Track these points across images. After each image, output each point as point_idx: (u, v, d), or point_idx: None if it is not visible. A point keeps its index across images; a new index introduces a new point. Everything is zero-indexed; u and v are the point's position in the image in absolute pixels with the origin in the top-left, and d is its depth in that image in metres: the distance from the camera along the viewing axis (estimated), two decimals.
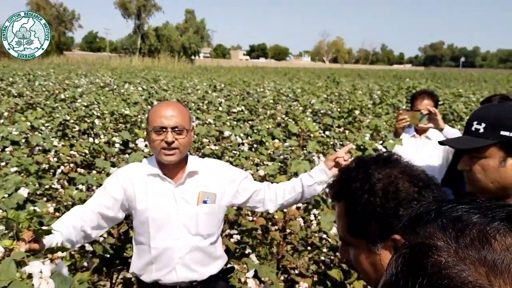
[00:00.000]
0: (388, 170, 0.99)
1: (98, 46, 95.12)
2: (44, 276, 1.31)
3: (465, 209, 0.49)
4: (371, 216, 0.96)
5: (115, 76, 18.01)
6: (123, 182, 1.98)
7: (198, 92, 11.27)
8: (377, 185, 0.97)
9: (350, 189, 1.00)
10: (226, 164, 2.14)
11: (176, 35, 69.75)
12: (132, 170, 2.03)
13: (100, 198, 1.96)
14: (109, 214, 1.95)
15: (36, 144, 4.23)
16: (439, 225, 0.48)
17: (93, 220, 1.90)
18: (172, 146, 1.89)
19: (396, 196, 0.95)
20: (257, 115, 8.09)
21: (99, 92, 10.45)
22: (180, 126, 1.90)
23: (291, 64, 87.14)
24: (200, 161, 2.08)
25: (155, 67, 37.64)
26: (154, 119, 1.91)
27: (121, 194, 1.96)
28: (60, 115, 6.40)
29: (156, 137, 1.90)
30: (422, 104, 3.26)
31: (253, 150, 5.06)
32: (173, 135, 1.89)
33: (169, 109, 1.92)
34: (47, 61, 43.48)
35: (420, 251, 0.46)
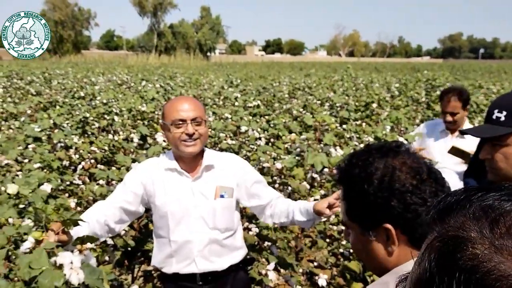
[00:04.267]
0: (388, 159, 1.00)
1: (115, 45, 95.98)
2: (74, 266, 1.36)
3: (496, 196, 0.47)
4: (363, 203, 0.99)
5: (131, 74, 18.17)
6: (142, 177, 2.03)
7: (214, 88, 11.31)
8: (374, 174, 0.98)
9: (349, 175, 1.03)
10: (242, 160, 2.18)
11: (191, 32, 70.05)
12: (150, 165, 2.08)
13: (121, 193, 2.01)
14: (131, 209, 2.00)
15: (59, 141, 4.31)
16: (471, 215, 0.46)
17: (115, 215, 1.95)
18: (193, 137, 1.93)
19: (390, 186, 0.97)
20: (273, 109, 8.08)
21: (116, 90, 10.57)
22: (199, 118, 1.95)
23: (306, 59, 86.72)
24: (216, 154, 2.11)
25: (171, 64, 37.87)
26: (172, 113, 1.95)
27: (140, 189, 2.01)
28: (80, 113, 6.49)
29: (176, 130, 1.94)
30: (448, 106, 3.18)
31: (270, 145, 5.07)
32: (193, 126, 1.92)
33: (186, 103, 1.97)
34: (65, 60, 44.14)
35: (454, 244, 0.45)
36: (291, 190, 3.20)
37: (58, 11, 58.35)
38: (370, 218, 0.98)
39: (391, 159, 1.00)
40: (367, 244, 1.00)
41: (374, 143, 1.11)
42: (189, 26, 71.43)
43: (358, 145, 4.77)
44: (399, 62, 64.84)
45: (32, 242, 1.42)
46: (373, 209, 0.97)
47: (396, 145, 1.04)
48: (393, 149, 1.03)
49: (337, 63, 51.75)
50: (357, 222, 1.01)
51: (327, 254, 3.16)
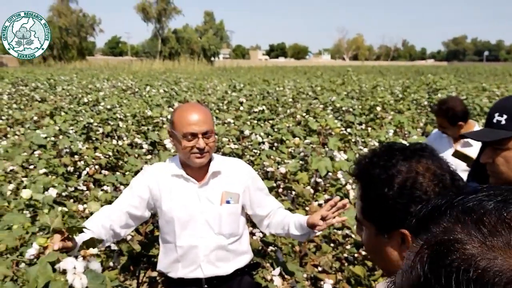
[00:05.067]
0: (412, 163, 0.96)
1: (120, 51, 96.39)
2: (77, 271, 1.36)
3: (478, 197, 0.48)
4: (382, 206, 0.96)
5: (136, 80, 18.24)
6: (149, 181, 2.03)
7: (218, 92, 11.34)
8: (395, 178, 0.95)
9: (369, 174, 0.99)
10: (248, 166, 2.18)
11: (195, 37, 70.30)
12: (157, 170, 2.08)
13: (127, 198, 2.01)
14: (137, 213, 2.01)
15: (64, 147, 4.33)
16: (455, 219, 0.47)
17: (121, 219, 1.96)
18: (204, 151, 1.94)
19: (411, 192, 0.94)
20: (277, 114, 8.09)
21: (121, 96, 10.61)
22: (209, 131, 1.94)
23: (310, 63, 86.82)
24: (223, 160, 2.11)
25: (176, 70, 37.97)
26: (183, 126, 1.93)
27: (147, 194, 2.02)
28: (84, 119, 6.52)
29: (187, 144, 1.93)
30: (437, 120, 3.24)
31: (274, 149, 5.07)
32: (204, 140, 1.92)
33: (198, 115, 1.94)
34: (69, 66, 44.37)
35: (444, 248, 0.45)
36: (295, 195, 3.20)
37: (63, 18, 58.74)
38: (387, 221, 0.95)
39: (415, 163, 0.96)
40: (380, 245, 0.98)
41: (397, 143, 1.08)
42: (193, 31, 71.71)
43: (363, 149, 4.77)
44: (403, 65, 64.74)
45: (36, 249, 1.43)
46: (391, 213, 0.94)
47: (421, 148, 1.00)
48: (418, 153, 0.99)
49: (341, 66, 51.71)
50: (373, 222, 0.99)
51: (331, 259, 3.16)
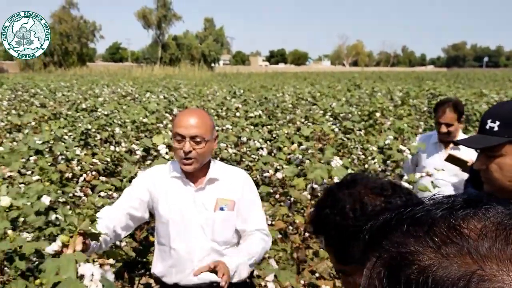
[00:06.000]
0: (351, 190, 1.01)
1: (120, 57, 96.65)
2: (94, 279, 1.39)
3: (425, 208, 0.48)
4: (348, 238, 0.96)
5: (136, 86, 18.27)
6: (148, 183, 2.05)
7: (217, 98, 11.34)
8: (345, 207, 0.98)
9: (323, 219, 1.02)
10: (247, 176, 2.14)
11: (196, 43, 70.51)
12: (156, 172, 2.09)
13: (128, 199, 2.03)
14: (137, 214, 2.02)
15: (60, 153, 4.31)
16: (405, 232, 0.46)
17: (122, 221, 1.96)
18: (189, 156, 1.92)
19: (364, 211, 0.96)
20: (276, 119, 8.08)
21: (120, 102, 10.62)
22: (199, 136, 1.91)
23: (310, 69, 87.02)
24: (223, 167, 2.10)
25: (176, 76, 38.05)
26: (175, 126, 1.96)
27: (146, 195, 2.02)
28: (82, 125, 6.51)
29: (176, 145, 1.95)
30: (444, 117, 3.16)
31: (273, 155, 5.06)
32: (191, 144, 1.91)
33: (191, 118, 1.94)
34: (70, 72, 44.48)
35: (400, 262, 0.44)
36: (293, 200, 3.19)
37: (64, 24, 58.90)
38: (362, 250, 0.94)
39: (353, 188, 1.02)
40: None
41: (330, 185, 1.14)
42: (193, 38, 71.92)
43: (361, 155, 4.76)
44: (403, 71, 64.88)
45: (59, 246, 1.46)
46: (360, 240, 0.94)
47: (352, 176, 1.07)
48: (350, 181, 1.05)
49: (341, 72, 51.85)
50: (353, 261, 0.96)
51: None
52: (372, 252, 0.49)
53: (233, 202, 2.02)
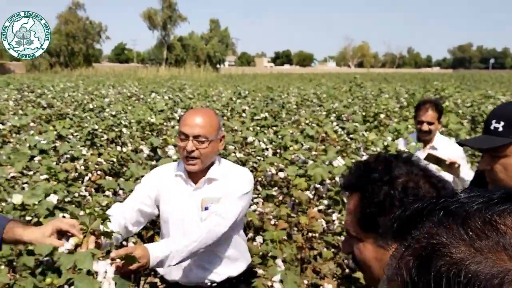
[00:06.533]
0: (408, 167, 0.99)
1: (126, 58, 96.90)
2: (107, 276, 1.42)
3: (460, 200, 0.47)
4: (387, 209, 0.94)
5: (141, 86, 18.32)
6: (155, 180, 2.08)
7: (222, 99, 11.36)
8: (397, 179, 0.96)
9: (369, 179, 0.98)
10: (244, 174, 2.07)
11: (201, 44, 70.56)
12: (164, 170, 2.13)
13: (138, 196, 2.05)
14: (147, 210, 2.04)
15: (64, 153, 4.35)
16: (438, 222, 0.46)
17: (133, 217, 1.99)
18: (192, 155, 1.93)
19: (416, 192, 0.94)
20: (281, 120, 8.09)
21: (126, 102, 10.67)
22: (202, 136, 1.91)
23: (316, 70, 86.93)
24: (227, 167, 2.08)
25: (181, 77, 38.10)
26: (181, 124, 1.98)
27: (154, 192, 2.05)
28: (89, 125, 6.55)
29: (180, 143, 1.96)
30: (426, 115, 3.30)
31: (278, 156, 5.07)
32: (194, 144, 1.91)
33: (196, 117, 1.95)
34: (76, 73, 44.67)
35: (431, 253, 0.44)
36: (293, 201, 3.20)
37: (70, 25, 59.13)
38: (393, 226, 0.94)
39: (410, 167, 0.99)
40: (381, 254, 0.94)
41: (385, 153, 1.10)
42: (198, 39, 71.97)
43: (365, 156, 4.76)
44: (409, 73, 64.68)
45: (72, 245, 1.48)
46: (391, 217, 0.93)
47: (411, 155, 1.04)
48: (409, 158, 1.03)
49: (347, 74, 51.73)
50: (374, 230, 0.96)
51: (333, 266, 3.14)
52: (401, 240, 0.49)
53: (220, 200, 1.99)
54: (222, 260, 2.05)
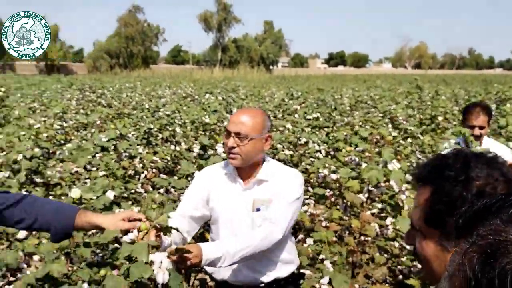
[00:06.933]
0: (489, 170, 0.93)
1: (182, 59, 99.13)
2: (162, 267, 1.48)
3: None
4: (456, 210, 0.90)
5: (196, 87, 18.71)
6: (204, 180, 2.10)
7: (275, 100, 11.39)
8: (474, 181, 0.91)
9: (443, 175, 0.94)
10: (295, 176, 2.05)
11: (255, 46, 71.11)
12: (213, 169, 2.15)
13: (187, 202, 2.08)
14: (199, 215, 2.06)
15: (123, 151, 4.51)
16: (506, 220, 0.45)
17: (185, 225, 1.99)
18: (232, 151, 1.95)
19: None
20: (333, 122, 8.01)
21: (181, 102, 10.93)
22: (243, 133, 1.93)
23: (370, 71, 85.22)
24: (276, 168, 2.07)
25: (235, 78, 38.56)
26: (228, 122, 2.02)
27: (204, 193, 2.07)
28: (145, 124, 6.76)
29: (224, 140, 2.01)
30: (477, 120, 3.18)
31: (330, 157, 5.01)
32: (235, 140, 1.94)
33: (241, 115, 1.98)
34: (134, 74, 46.29)
35: (496, 250, 0.43)
36: (346, 204, 3.14)
37: (129, 27, 61.42)
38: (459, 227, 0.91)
39: (491, 169, 0.93)
40: (442, 254, 0.91)
41: (467, 150, 1.04)
42: (252, 40, 72.56)
43: (421, 159, 4.61)
44: (470, 74, 62.04)
45: (135, 235, 1.56)
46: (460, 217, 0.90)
47: (495, 156, 0.98)
48: (493, 160, 0.96)
49: (403, 75, 50.39)
50: (439, 228, 0.92)
51: (386, 271, 3.07)
52: (465, 236, 0.48)
53: (271, 202, 1.99)
54: (272, 262, 2.04)
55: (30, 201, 1.67)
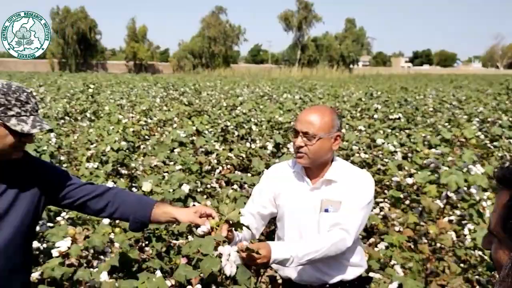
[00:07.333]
0: None
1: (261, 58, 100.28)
2: (230, 260, 1.53)
3: None
4: None
5: (273, 86, 18.83)
6: (272, 178, 2.11)
7: (352, 100, 11.17)
8: None
9: None
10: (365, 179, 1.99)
11: (335, 44, 70.14)
12: (281, 167, 2.15)
13: (256, 199, 2.10)
14: (266, 212, 2.08)
15: (200, 146, 4.66)
16: None
17: (253, 222, 2.04)
18: (300, 151, 1.94)
19: None
20: (415, 123, 7.69)
21: (258, 101, 11.06)
22: (311, 133, 1.89)
23: (458, 71, 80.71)
24: (345, 168, 2.02)
25: (313, 77, 38.36)
26: (295, 120, 2.00)
27: (271, 190, 2.08)
28: (222, 122, 6.93)
29: (292, 138, 2.00)
30: None
31: (408, 160, 4.83)
32: (302, 140, 1.92)
33: (309, 114, 1.94)
34: (215, 73, 47.62)
35: None
36: (423, 208, 3.00)
37: (212, 28, 63.24)
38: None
39: None
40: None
41: None
42: (333, 39, 71.58)
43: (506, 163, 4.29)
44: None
45: (207, 229, 1.64)
46: None
47: None
48: None
49: (494, 75, 47.18)
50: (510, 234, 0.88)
51: (462, 281, 2.90)
52: None
53: (340, 204, 1.94)
54: (338, 264, 2.00)
55: (112, 193, 1.81)
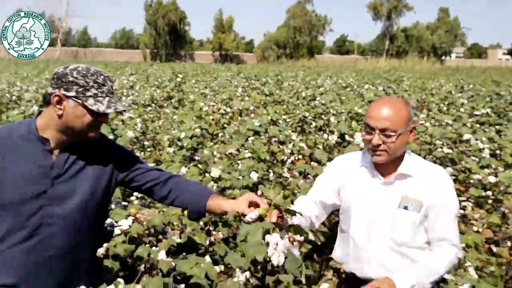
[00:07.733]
0: None
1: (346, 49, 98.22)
2: (278, 249, 1.49)
3: None
4: None
5: (358, 77, 18.38)
6: (337, 169, 2.05)
7: (441, 92, 10.58)
8: None
9: None
10: (447, 178, 1.90)
11: (426, 35, 66.84)
12: (348, 159, 2.07)
13: (319, 187, 2.06)
14: (329, 202, 2.03)
15: (273, 136, 4.68)
16: None
17: (314, 210, 2.01)
18: (379, 149, 1.82)
19: None
20: (507, 119, 7.12)
21: (339, 92, 10.85)
22: (390, 130, 1.78)
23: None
24: (418, 163, 1.92)
25: (401, 68, 36.81)
26: (367, 116, 1.86)
27: (336, 182, 2.02)
28: (300, 112, 6.89)
29: (366, 136, 1.86)
30: None
31: (497, 157, 4.49)
32: (380, 138, 1.80)
33: (382, 108, 1.81)
34: (299, 63, 47.45)
35: None
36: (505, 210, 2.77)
37: (298, 18, 62.93)
38: None
39: None
40: None
41: None
42: (424, 29, 68.21)
43: None
44: None
45: (256, 215, 1.63)
46: None
47: None
48: None
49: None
50: None
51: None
52: None
53: (421, 204, 1.85)
54: (407, 264, 1.91)
55: (175, 181, 1.87)
